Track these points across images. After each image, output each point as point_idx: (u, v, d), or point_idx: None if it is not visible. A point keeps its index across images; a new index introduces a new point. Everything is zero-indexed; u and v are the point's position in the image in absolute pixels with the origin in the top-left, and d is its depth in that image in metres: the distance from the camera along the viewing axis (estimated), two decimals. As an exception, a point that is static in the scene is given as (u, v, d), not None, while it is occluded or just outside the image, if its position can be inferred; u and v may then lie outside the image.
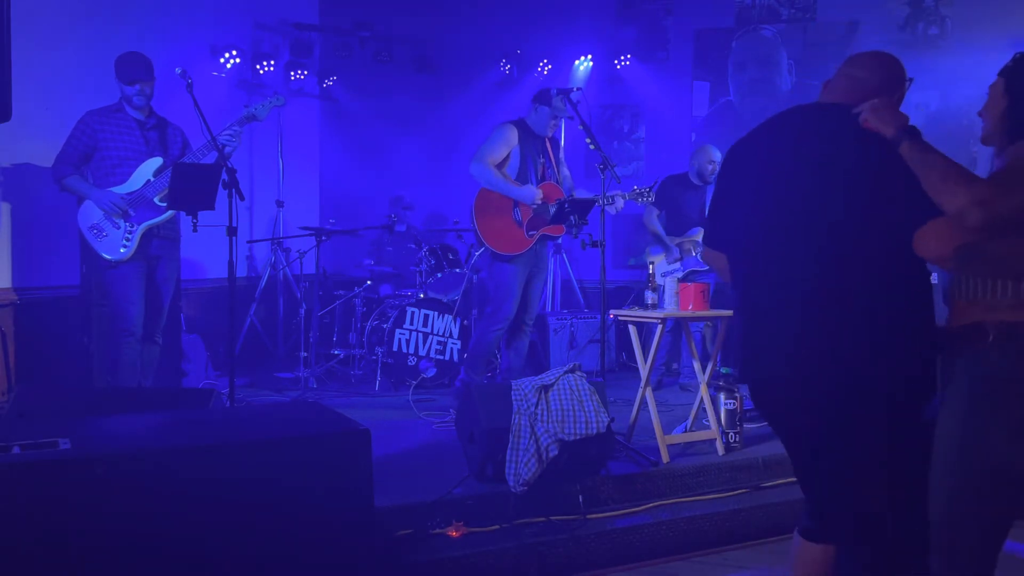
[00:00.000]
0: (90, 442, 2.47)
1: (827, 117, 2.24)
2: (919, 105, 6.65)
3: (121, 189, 4.37)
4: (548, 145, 5.04)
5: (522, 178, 4.85)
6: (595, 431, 3.64)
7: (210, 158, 4.33)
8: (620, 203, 4.82)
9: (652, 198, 5.03)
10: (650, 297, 4.40)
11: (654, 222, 5.96)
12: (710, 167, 5.92)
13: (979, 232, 1.85)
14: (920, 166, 1.92)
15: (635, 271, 7.56)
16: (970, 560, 1.99)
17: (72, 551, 2.25)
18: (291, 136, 7.54)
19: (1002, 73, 2.10)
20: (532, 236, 4.84)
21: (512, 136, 4.83)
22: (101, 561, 2.28)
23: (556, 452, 3.54)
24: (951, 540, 2.00)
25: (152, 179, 4.38)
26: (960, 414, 1.97)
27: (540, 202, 4.78)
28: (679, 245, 5.94)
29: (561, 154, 5.23)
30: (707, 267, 5.87)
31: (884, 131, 2.01)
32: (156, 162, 4.43)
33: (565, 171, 5.16)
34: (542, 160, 4.97)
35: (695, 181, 6.03)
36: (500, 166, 4.83)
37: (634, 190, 4.97)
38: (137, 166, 4.41)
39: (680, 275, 5.65)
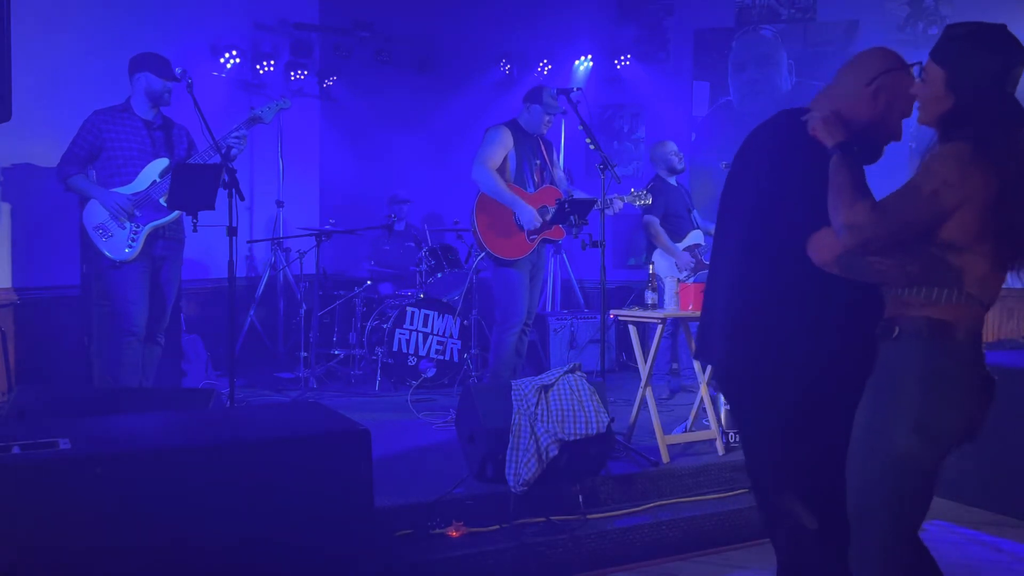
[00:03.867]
0: (90, 442, 2.47)
1: (779, 123, 2.31)
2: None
3: (127, 190, 4.36)
4: (542, 145, 5.03)
5: (519, 181, 4.85)
6: (595, 431, 3.64)
7: (216, 159, 4.32)
8: (619, 205, 4.82)
9: (649, 200, 5.00)
10: (650, 297, 4.40)
11: (659, 231, 5.72)
12: (676, 159, 5.83)
13: (854, 249, 1.99)
14: (831, 179, 2.03)
15: (635, 271, 7.56)
16: (882, 552, 2.03)
17: (72, 551, 2.25)
18: (291, 136, 7.54)
19: (940, 62, 2.07)
20: (533, 240, 4.84)
21: (507, 138, 4.82)
22: (101, 561, 2.28)
23: (556, 452, 3.54)
24: (859, 532, 2.06)
25: (158, 180, 4.37)
26: (867, 406, 2.06)
27: (538, 223, 4.76)
28: (687, 250, 5.82)
29: (555, 156, 5.22)
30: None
31: (824, 141, 2.11)
32: (162, 163, 4.42)
33: (560, 173, 5.15)
34: (537, 161, 4.97)
35: (668, 180, 5.87)
36: (499, 169, 4.82)
37: (632, 192, 4.96)
38: (143, 166, 4.39)
39: (691, 281, 5.60)
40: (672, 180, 5.92)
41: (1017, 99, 2.04)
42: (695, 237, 5.86)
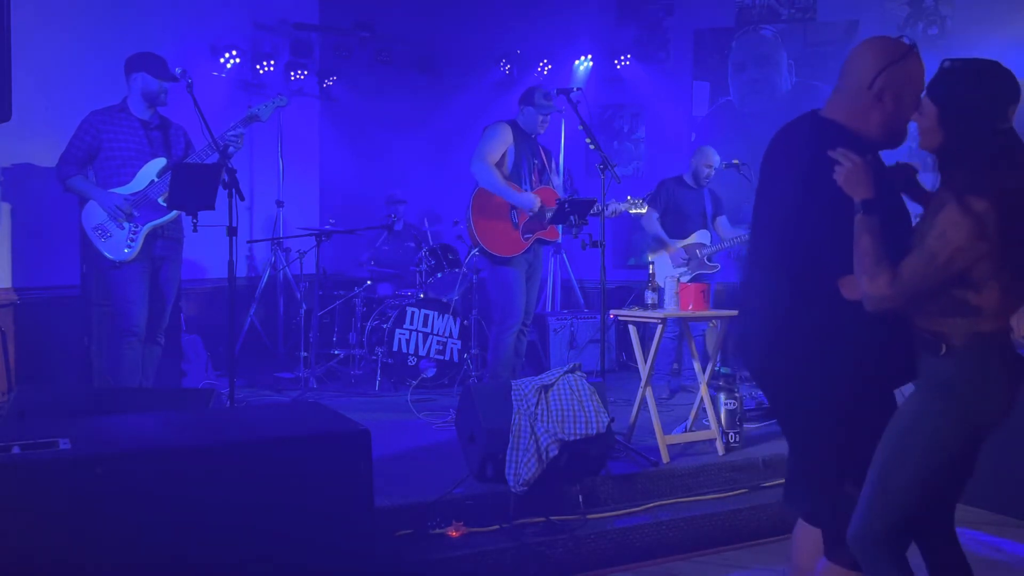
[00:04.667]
0: (90, 442, 2.47)
1: (801, 130, 2.33)
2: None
3: (125, 190, 4.36)
4: (541, 149, 5.04)
5: (516, 177, 4.86)
6: (595, 431, 3.64)
7: (213, 158, 4.32)
8: (615, 208, 4.83)
9: (644, 209, 5.04)
10: (650, 297, 4.40)
11: (654, 224, 5.90)
12: (706, 171, 5.84)
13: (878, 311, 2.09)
14: (855, 238, 2.10)
15: (635, 271, 7.56)
16: (883, 529, 2.12)
17: (72, 551, 2.25)
18: (291, 136, 7.54)
19: (932, 98, 2.12)
20: (527, 239, 4.85)
21: (507, 135, 4.84)
22: (101, 561, 2.28)
23: (556, 452, 3.54)
24: (866, 505, 2.15)
25: (156, 180, 4.37)
26: (916, 401, 2.15)
27: (539, 208, 4.78)
28: (685, 248, 5.88)
29: (554, 163, 5.22)
30: (715, 270, 5.87)
31: (850, 194, 2.13)
32: (160, 163, 4.42)
33: (557, 180, 5.15)
34: (536, 162, 4.98)
35: (690, 183, 5.96)
36: (497, 165, 4.83)
37: (628, 200, 4.97)
38: (141, 166, 4.39)
39: (688, 279, 5.63)
40: (693, 183, 5.96)
41: (1013, 133, 2.07)
42: (700, 237, 5.88)
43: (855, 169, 2.12)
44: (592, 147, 4.41)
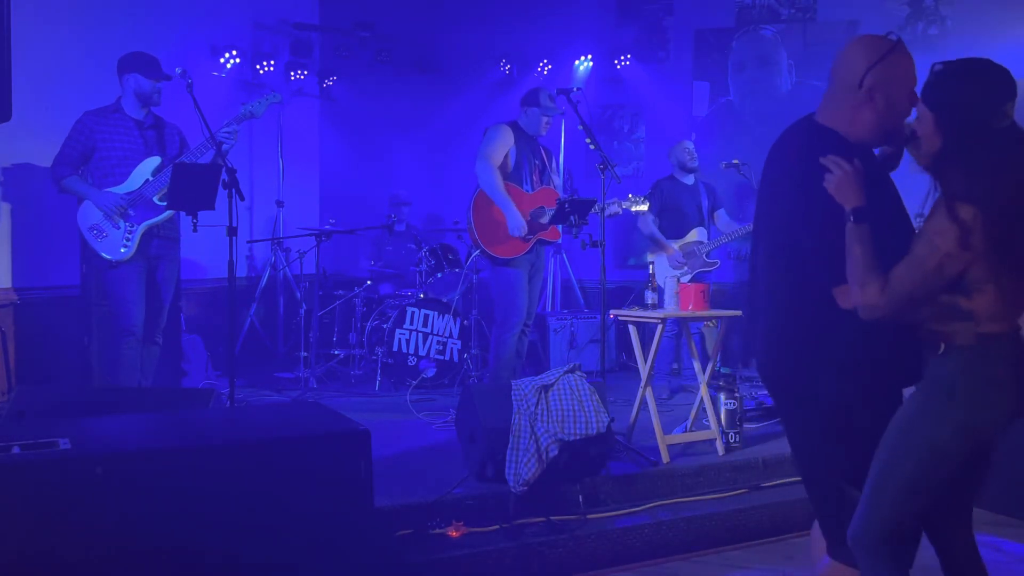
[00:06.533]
0: (90, 442, 2.47)
1: (798, 133, 2.33)
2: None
3: (120, 189, 4.37)
4: (542, 149, 5.04)
5: (517, 178, 4.85)
6: (595, 431, 3.64)
7: (207, 156, 4.33)
8: (616, 209, 4.83)
9: (646, 206, 5.04)
10: (650, 297, 4.40)
11: (650, 226, 5.93)
12: (687, 156, 5.95)
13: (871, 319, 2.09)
14: (847, 246, 2.11)
15: (635, 271, 7.56)
16: (880, 530, 2.11)
17: (72, 551, 2.25)
18: (291, 136, 7.54)
19: (927, 103, 2.10)
20: (529, 240, 4.85)
21: (508, 137, 4.84)
22: (101, 561, 2.28)
23: (556, 452, 3.54)
24: (865, 507, 2.14)
25: (151, 178, 4.39)
26: (915, 403, 2.13)
27: (525, 233, 4.76)
28: (683, 247, 5.89)
29: (555, 163, 5.22)
30: (714, 266, 5.88)
31: (841, 202, 2.14)
32: (154, 161, 4.43)
33: (558, 180, 5.15)
34: (537, 162, 4.98)
35: (682, 179, 5.99)
36: (499, 166, 4.83)
37: (630, 198, 4.97)
38: (135, 166, 4.40)
39: (688, 279, 5.63)
40: (687, 179, 6.01)
41: (1015, 128, 2.04)
42: (698, 235, 5.89)
43: (845, 177, 2.12)
44: (592, 147, 4.40)
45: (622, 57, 7.87)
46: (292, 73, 7.59)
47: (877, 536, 2.10)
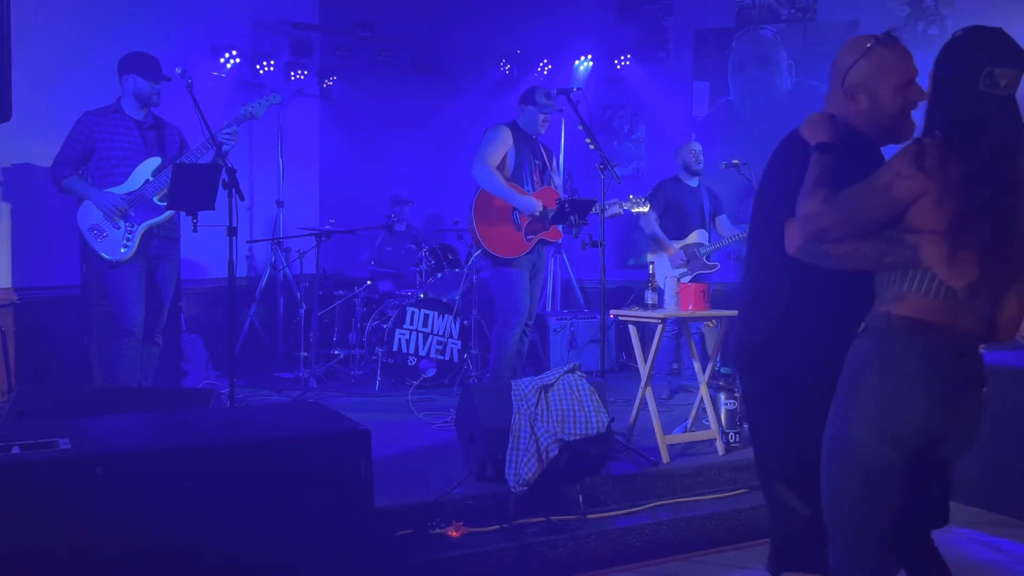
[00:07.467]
0: (90, 442, 2.47)
1: (795, 139, 2.33)
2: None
3: (120, 189, 4.37)
4: (542, 149, 5.04)
5: (517, 178, 4.85)
6: (595, 431, 3.64)
7: (207, 157, 4.33)
8: (617, 210, 4.83)
9: (646, 207, 5.03)
10: (650, 297, 4.40)
11: (652, 225, 5.90)
12: (694, 158, 5.94)
13: (811, 237, 2.04)
14: (806, 175, 2.09)
15: (635, 271, 7.56)
16: (849, 551, 2.04)
17: (72, 551, 2.25)
18: (291, 136, 7.54)
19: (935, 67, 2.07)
20: (530, 240, 4.85)
21: (507, 137, 4.83)
22: (101, 561, 2.27)
23: (556, 452, 3.54)
24: (831, 529, 2.08)
25: (151, 179, 4.39)
26: (834, 402, 2.07)
27: (541, 211, 4.77)
28: (684, 248, 5.89)
29: (555, 162, 5.22)
30: (714, 269, 5.88)
31: (809, 140, 2.15)
32: (154, 162, 4.43)
33: (558, 179, 5.15)
34: (537, 162, 4.97)
35: (687, 181, 6.00)
36: (498, 168, 4.83)
37: (631, 199, 4.97)
38: (135, 166, 4.41)
39: (689, 279, 5.63)
40: (691, 181, 6.00)
41: (1008, 101, 1.97)
42: (699, 236, 5.88)
43: (815, 116, 2.15)
44: (592, 147, 4.40)
45: (622, 57, 7.87)
46: (292, 73, 7.59)
47: (853, 566, 2.04)
